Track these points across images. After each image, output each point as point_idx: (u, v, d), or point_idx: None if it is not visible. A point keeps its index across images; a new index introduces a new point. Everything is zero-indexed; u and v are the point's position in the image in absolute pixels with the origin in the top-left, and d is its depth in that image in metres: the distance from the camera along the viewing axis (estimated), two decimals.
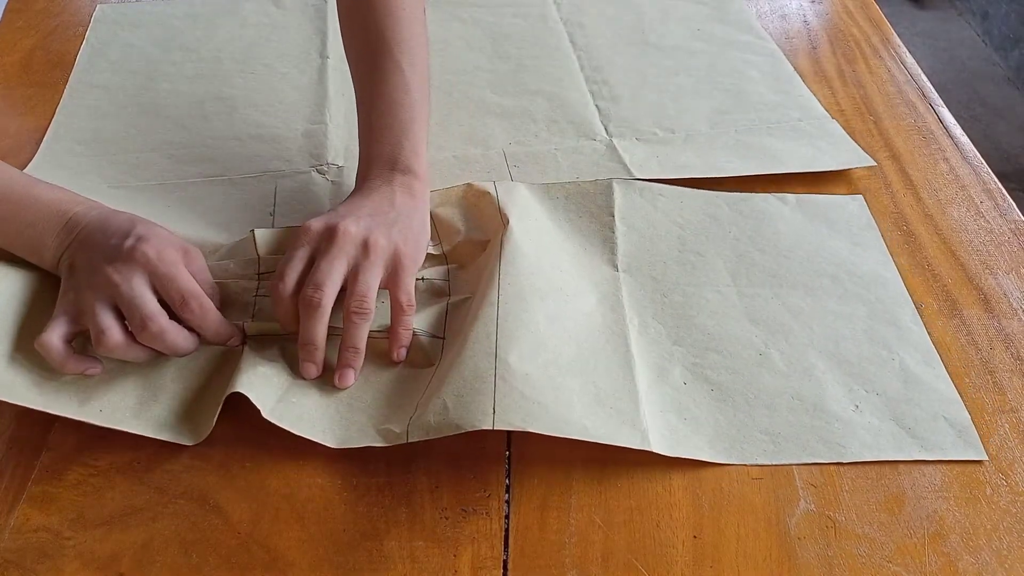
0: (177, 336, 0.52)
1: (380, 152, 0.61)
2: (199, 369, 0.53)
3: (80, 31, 0.89)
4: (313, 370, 0.52)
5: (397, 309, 0.54)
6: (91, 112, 0.78)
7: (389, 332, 0.54)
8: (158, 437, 0.50)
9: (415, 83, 0.64)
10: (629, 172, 0.69)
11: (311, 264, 0.53)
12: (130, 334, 0.51)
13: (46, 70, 0.83)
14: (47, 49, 0.87)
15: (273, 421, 0.49)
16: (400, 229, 0.56)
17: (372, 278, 0.53)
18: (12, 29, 0.90)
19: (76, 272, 0.53)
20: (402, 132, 0.62)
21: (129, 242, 0.52)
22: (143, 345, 0.52)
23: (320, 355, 0.52)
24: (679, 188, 0.67)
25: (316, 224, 0.54)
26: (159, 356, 0.53)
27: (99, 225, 0.54)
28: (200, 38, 0.88)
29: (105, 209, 0.56)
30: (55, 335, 0.50)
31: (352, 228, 0.53)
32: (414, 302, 0.54)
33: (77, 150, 0.73)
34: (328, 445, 0.49)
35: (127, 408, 0.51)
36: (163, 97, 0.80)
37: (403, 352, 0.54)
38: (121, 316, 0.51)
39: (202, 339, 0.54)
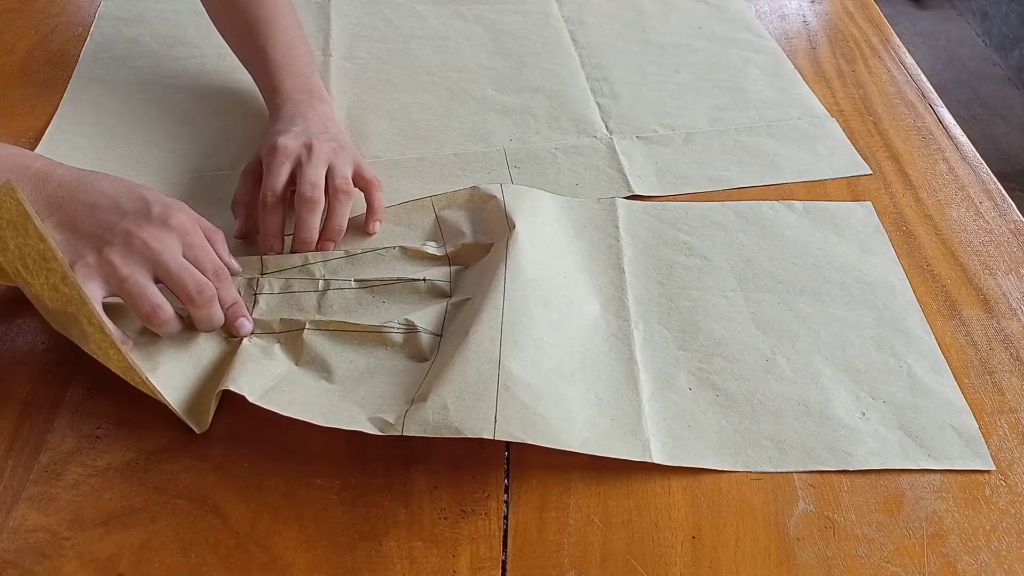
0: (218, 307, 0.53)
1: (296, 84, 0.69)
2: (196, 358, 0.53)
3: (79, 31, 0.89)
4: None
5: (371, 185, 0.64)
6: (94, 107, 0.78)
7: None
8: (180, 416, 0.50)
9: (300, 32, 0.74)
10: (627, 182, 0.69)
11: (292, 175, 0.61)
12: None
13: (45, 70, 0.83)
14: (46, 49, 0.87)
15: (261, 405, 0.49)
16: (344, 142, 0.65)
17: (347, 169, 0.63)
18: (12, 29, 0.90)
19: (80, 233, 0.51)
20: (309, 68, 0.71)
21: (157, 208, 0.52)
22: (180, 317, 0.52)
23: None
24: (684, 203, 0.67)
25: (290, 143, 0.62)
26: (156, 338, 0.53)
27: (83, 184, 0.53)
28: (204, 34, 0.88)
29: (69, 166, 0.54)
30: (97, 304, 0.49)
31: (322, 145, 0.62)
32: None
33: (80, 144, 0.73)
34: (316, 423, 0.48)
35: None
36: (166, 93, 0.80)
37: (376, 225, 0.63)
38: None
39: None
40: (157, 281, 0.52)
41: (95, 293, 0.50)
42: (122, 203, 0.52)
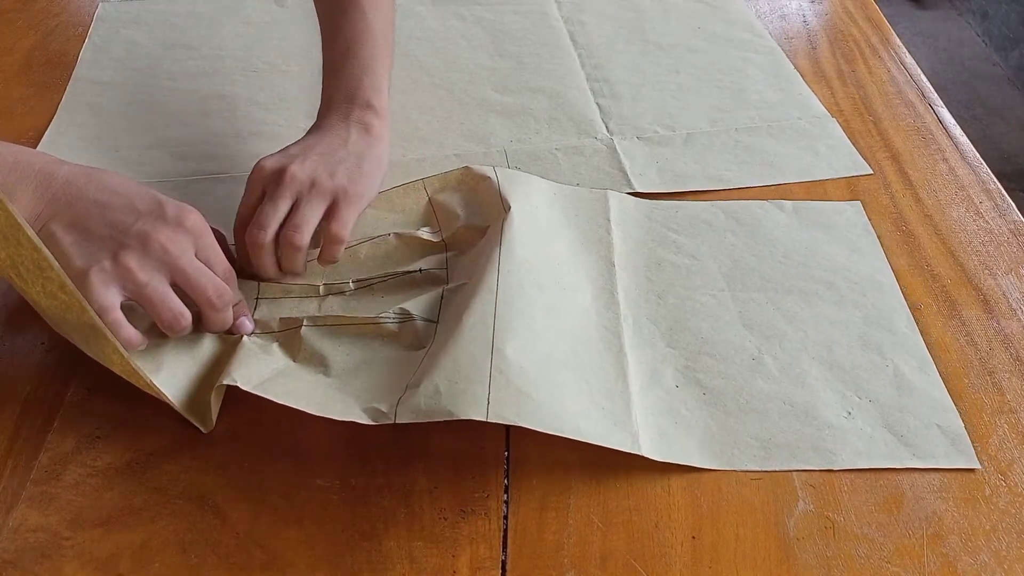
0: (231, 310, 0.53)
1: (339, 89, 0.63)
2: (197, 358, 0.53)
3: (79, 31, 0.89)
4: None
5: (327, 238, 0.56)
6: (93, 109, 0.78)
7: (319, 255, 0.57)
8: (186, 416, 0.50)
9: (378, 26, 0.66)
10: (628, 181, 0.69)
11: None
12: None
13: (46, 70, 0.83)
14: (47, 49, 0.87)
15: (256, 393, 0.49)
16: (347, 168, 0.58)
17: (311, 211, 0.56)
18: (12, 29, 0.90)
19: (92, 234, 0.49)
20: (363, 69, 0.64)
21: (171, 209, 0.51)
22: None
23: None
24: (674, 202, 0.67)
25: (269, 164, 0.57)
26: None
27: (93, 182, 0.51)
28: (202, 36, 0.88)
29: (74, 164, 0.53)
30: (118, 311, 0.49)
31: (298, 171, 0.56)
32: (347, 235, 0.57)
33: (79, 146, 0.73)
34: (310, 412, 0.48)
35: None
36: (165, 95, 0.80)
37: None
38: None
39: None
40: (173, 284, 0.51)
41: (113, 299, 0.49)
42: (135, 202, 0.51)
